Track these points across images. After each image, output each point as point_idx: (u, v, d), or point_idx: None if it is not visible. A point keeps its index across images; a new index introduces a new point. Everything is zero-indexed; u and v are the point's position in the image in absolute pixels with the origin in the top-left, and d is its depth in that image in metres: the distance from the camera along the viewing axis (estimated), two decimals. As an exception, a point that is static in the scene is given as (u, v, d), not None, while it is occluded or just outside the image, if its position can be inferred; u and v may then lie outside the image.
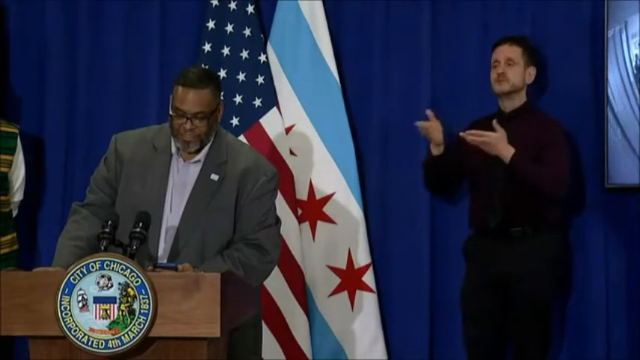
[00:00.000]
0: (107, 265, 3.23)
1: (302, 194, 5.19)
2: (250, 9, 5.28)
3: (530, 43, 4.98)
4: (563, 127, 4.89)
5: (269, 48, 5.28)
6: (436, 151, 4.94)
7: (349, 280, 5.16)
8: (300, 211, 5.18)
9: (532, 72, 4.94)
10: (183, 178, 3.72)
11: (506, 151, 4.71)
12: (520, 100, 4.92)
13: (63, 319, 3.23)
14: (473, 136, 4.72)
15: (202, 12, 5.34)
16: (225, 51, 5.28)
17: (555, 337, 5.06)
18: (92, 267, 3.24)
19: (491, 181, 4.78)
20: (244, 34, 5.27)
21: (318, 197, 5.19)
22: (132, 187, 3.71)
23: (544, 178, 4.72)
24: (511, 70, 4.88)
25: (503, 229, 4.78)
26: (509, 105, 4.90)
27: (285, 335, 5.12)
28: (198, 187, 3.70)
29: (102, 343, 3.22)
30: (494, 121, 4.73)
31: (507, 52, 4.90)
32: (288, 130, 5.21)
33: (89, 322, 3.22)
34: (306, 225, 5.19)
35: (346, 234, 5.17)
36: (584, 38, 5.14)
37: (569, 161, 4.84)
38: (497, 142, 4.71)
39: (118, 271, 3.23)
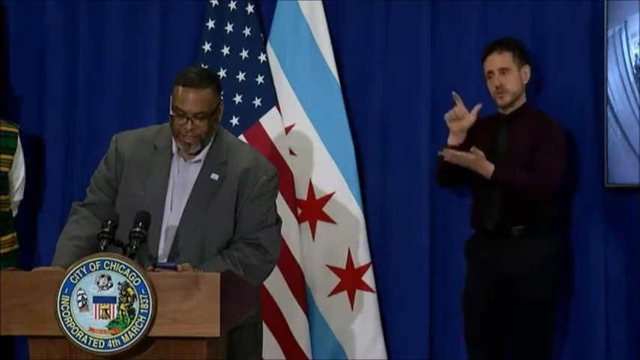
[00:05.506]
0: (107, 265, 3.23)
1: (302, 194, 5.19)
2: (250, 9, 5.28)
3: (519, 42, 4.93)
4: (561, 128, 4.88)
5: (269, 48, 5.28)
6: (456, 140, 4.80)
7: (349, 279, 5.16)
8: (299, 211, 5.18)
9: (527, 71, 4.89)
10: (183, 177, 3.72)
11: (486, 170, 4.73)
12: (520, 101, 4.90)
13: (63, 318, 3.23)
14: (452, 155, 4.74)
15: (202, 12, 5.34)
16: (225, 51, 5.28)
17: (555, 337, 5.06)
18: (92, 267, 3.24)
19: (490, 182, 4.77)
20: (244, 34, 5.27)
21: (317, 197, 5.19)
22: (132, 186, 3.71)
23: (529, 185, 4.74)
24: (507, 80, 4.82)
25: (503, 229, 4.78)
26: (510, 108, 4.89)
27: (285, 335, 5.12)
28: (199, 187, 3.70)
29: (102, 343, 3.22)
30: (473, 148, 4.71)
31: (499, 61, 4.83)
32: (287, 129, 5.21)
33: (89, 322, 3.22)
34: (306, 225, 5.19)
35: (346, 234, 5.17)
36: (584, 38, 5.13)
37: (563, 163, 4.83)
38: (475, 163, 4.73)
39: (117, 271, 3.23)
